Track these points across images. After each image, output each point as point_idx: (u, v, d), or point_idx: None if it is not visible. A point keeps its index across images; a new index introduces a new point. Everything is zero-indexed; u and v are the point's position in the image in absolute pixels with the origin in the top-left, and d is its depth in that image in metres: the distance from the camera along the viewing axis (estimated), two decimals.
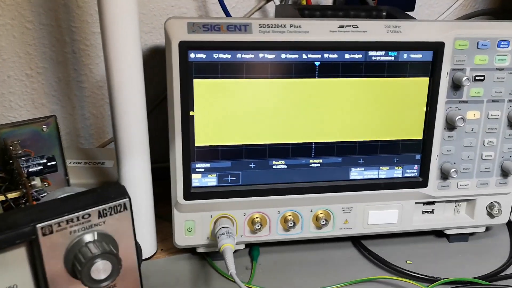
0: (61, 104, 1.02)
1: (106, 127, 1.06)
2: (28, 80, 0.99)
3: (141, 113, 0.74)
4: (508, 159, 0.83)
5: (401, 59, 0.76)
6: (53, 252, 0.50)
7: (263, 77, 0.73)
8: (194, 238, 0.79)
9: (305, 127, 0.77)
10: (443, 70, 0.77)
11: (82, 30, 0.98)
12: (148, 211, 0.80)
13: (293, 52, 0.73)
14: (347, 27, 0.74)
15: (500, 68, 0.78)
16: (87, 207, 0.51)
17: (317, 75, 0.75)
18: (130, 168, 0.76)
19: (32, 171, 0.70)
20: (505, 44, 0.77)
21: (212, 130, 0.75)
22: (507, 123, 0.81)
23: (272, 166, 0.78)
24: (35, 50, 0.98)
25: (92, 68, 1.01)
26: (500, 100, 0.80)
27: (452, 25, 0.76)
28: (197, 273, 0.80)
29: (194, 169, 0.76)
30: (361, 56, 0.75)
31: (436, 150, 0.80)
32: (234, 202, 0.78)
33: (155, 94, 1.00)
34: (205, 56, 0.71)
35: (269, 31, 0.72)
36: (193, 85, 0.72)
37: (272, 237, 0.82)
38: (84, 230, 0.51)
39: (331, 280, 0.79)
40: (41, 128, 0.76)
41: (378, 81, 0.76)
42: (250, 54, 0.72)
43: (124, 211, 0.53)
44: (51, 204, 0.52)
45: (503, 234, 0.92)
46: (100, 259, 0.50)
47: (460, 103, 0.79)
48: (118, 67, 0.71)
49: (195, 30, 0.70)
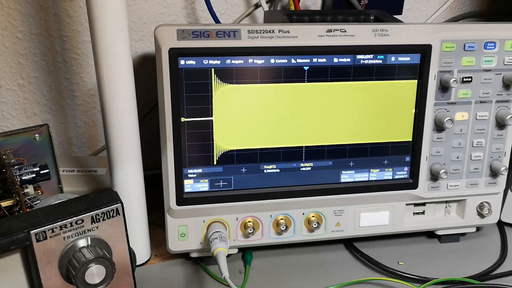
0: (53, 113, 1.03)
1: (98, 135, 1.06)
2: (20, 90, 1.00)
3: (133, 120, 0.75)
4: (497, 159, 0.84)
5: (389, 62, 0.77)
6: (47, 257, 0.50)
7: (253, 82, 0.74)
8: (187, 243, 0.80)
9: (295, 131, 0.78)
10: (431, 72, 0.77)
11: (73, 39, 0.98)
12: (141, 217, 0.80)
13: (282, 57, 0.74)
14: (335, 31, 0.74)
15: (487, 69, 0.79)
16: (80, 213, 0.52)
17: (306, 80, 0.75)
18: (122, 174, 0.76)
19: (25, 179, 0.71)
20: (492, 46, 0.78)
21: (203, 136, 0.75)
22: (495, 124, 0.82)
23: (264, 171, 0.79)
24: (26, 60, 0.98)
25: (84, 76, 1.01)
26: (487, 101, 0.81)
27: (439, 28, 0.77)
28: (191, 278, 0.81)
29: (186, 175, 0.77)
30: (350, 60, 0.76)
31: (425, 151, 0.81)
32: (227, 207, 0.79)
33: (146, 102, 1.01)
34: (195, 63, 0.72)
35: (258, 37, 0.73)
36: (184, 91, 0.73)
37: (264, 240, 0.82)
38: (78, 235, 0.52)
39: (324, 282, 0.79)
40: (33, 137, 0.77)
41: (366, 84, 0.77)
42: (240, 60, 0.73)
43: (117, 216, 0.54)
44: (44, 210, 0.52)
45: (493, 234, 0.93)
46: (94, 263, 0.51)
47: (448, 105, 0.80)
48: (109, 76, 0.71)
49: (184, 37, 0.71)
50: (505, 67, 0.79)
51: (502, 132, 0.83)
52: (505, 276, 0.82)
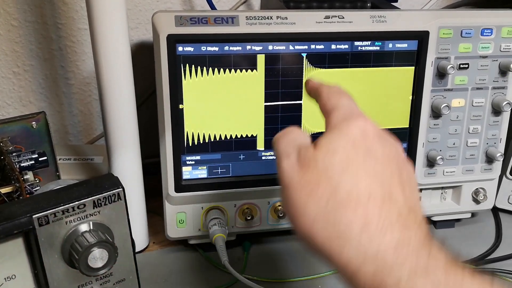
0: (49, 101, 1.03)
1: (94, 124, 1.06)
2: (15, 78, 0.99)
3: (131, 107, 0.75)
4: (492, 145, 0.84)
5: (387, 49, 0.77)
6: (49, 242, 0.50)
7: (251, 69, 0.74)
8: (186, 230, 0.80)
9: (293, 118, 0.78)
10: (428, 59, 0.78)
11: (68, 26, 0.98)
12: (140, 204, 0.81)
13: (280, 43, 0.74)
14: (333, 17, 0.75)
15: (484, 56, 0.80)
16: (82, 197, 0.52)
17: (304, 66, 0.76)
18: (121, 162, 0.76)
19: (24, 166, 0.70)
20: (488, 32, 0.79)
21: (201, 123, 0.75)
22: (491, 110, 0.83)
23: (262, 157, 0.79)
24: (21, 48, 0.98)
25: (79, 64, 1.01)
26: (484, 88, 0.81)
27: (436, 14, 0.77)
28: (189, 264, 0.81)
29: (185, 162, 0.77)
30: (347, 46, 0.76)
31: (422, 138, 0.82)
32: (225, 194, 0.79)
33: (141, 90, 1.01)
34: (193, 49, 0.72)
35: (256, 23, 0.73)
36: (182, 78, 0.73)
37: (263, 227, 0.82)
38: (80, 220, 0.52)
39: (322, 268, 0.80)
40: (30, 125, 0.76)
41: (364, 71, 0.77)
42: (238, 47, 0.73)
43: (118, 201, 0.54)
44: (46, 195, 0.52)
45: (488, 220, 0.94)
46: (97, 247, 0.51)
47: (445, 91, 0.80)
48: (107, 63, 0.71)
49: (182, 23, 0.71)
50: (502, 53, 0.80)
51: (498, 118, 0.83)
52: (500, 261, 0.83)
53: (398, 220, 0.42)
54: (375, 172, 0.44)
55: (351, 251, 0.42)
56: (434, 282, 0.40)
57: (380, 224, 0.42)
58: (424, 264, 0.40)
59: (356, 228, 0.42)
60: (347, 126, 0.46)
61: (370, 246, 0.41)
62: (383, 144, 0.47)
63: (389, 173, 0.45)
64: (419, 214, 0.45)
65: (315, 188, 0.44)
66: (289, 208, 0.46)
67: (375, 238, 0.41)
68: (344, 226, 0.42)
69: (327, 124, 0.49)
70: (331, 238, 0.43)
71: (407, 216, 0.43)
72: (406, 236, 0.42)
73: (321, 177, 0.44)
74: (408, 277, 0.40)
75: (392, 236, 0.41)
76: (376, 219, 0.42)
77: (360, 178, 0.44)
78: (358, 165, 0.44)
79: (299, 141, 0.49)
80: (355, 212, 0.42)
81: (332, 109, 0.49)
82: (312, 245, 0.44)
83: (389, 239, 0.41)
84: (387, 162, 0.46)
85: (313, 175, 0.44)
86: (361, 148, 0.45)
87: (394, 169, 0.46)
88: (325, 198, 0.43)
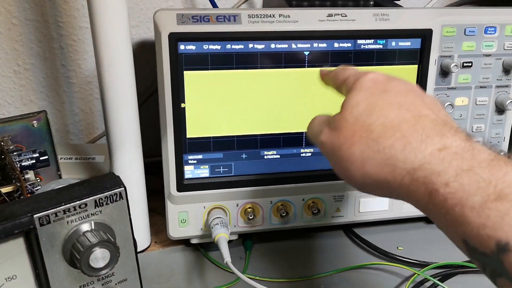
0: (50, 100, 1.02)
1: (95, 123, 1.06)
2: (16, 77, 0.99)
3: (133, 106, 0.74)
4: (496, 144, 0.84)
5: (390, 47, 0.76)
6: (51, 242, 0.50)
7: (253, 67, 0.74)
8: (188, 229, 0.80)
9: (295, 117, 0.77)
10: (431, 57, 0.77)
11: (69, 25, 0.97)
12: (141, 203, 0.80)
13: (282, 42, 0.74)
14: (336, 16, 0.74)
15: (487, 54, 0.79)
16: (83, 197, 0.51)
17: (307, 65, 0.75)
18: (122, 161, 0.76)
19: (24, 165, 0.70)
20: (492, 31, 0.78)
21: (203, 122, 0.75)
22: (495, 109, 0.82)
23: (264, 157, 0.79)
24: (22, 46, 0.97)
25: (80, 63, 1.01)
26: (487, 86, 0.81)
27: (439, 12, 0.77)
28: (191, 264, 0.81)
29: (187, 161, 0.77)
30: (350, 44, 0.75)
31: None
32: (227, 193, 0.79)
33: (142, 90, 1.00)
34: (195, 48, 0.72)
35: (258, 21, 0.72)
36: (183, 77, 0.72)
37: (265, 226, 0.82)
38: (81, 219, 0.51)
39: (324, 267, 0.79)
40: (31, 124, 0.76)
41: (367, 69, 0.76)
42: (240, 45, 0.73)
43: (120, 201, 0.53)
44: (47, 195, 0.52)
45: None
46: (99, 247, 0.50)
47: (449, 90, 0.80)
48: (108, 61, 0.71)
49: (184, 21, 0.70)
50: (505, 52, 0.79)
51: (501, 117, 0.83)
52: None
53: (435, 131, 0.47)
54: (398, 102, 0.50)
55: (401, 168, 0.47)
56: (479, 179, 0.42)
57: (419, 138, 0.47)
58: (468, 164, 0.44)
59: (399, 147, 0.47)
60: (360, 83, 0.53)
61: (416, 157, 0.46)
62: (397, 82, 0.53)
63: (411, 100, 0.51)
64: (453, 124, 0.49)
65: (353, 138, 0.50)
66: (342, 169, 0.51)
67: (418, 150, 0.46)
68: (388, 150, 0.48)
69: (345, 95, 0.55)
70: (381, 166, 0.48)
71: (442, 127, 0.48)
72: (446, 142, 0.46)
73: (355, 128, 0.50)
74: (455, 178, 0.43)
75: (433, 145, 0.46)
76: (414, 135, 0.47)
77: (388, 111, 0.50)
78: (382, 104, 0.50)
79: (324, 118, 0.57)
80: (394, 136, 0.48)
81: (343, 82, 0.57)
82: (372, 184, 0.49)
83: (430, 147, 0.46)
84: (407, 93, 0.52)
85: (347, 131, 0.51)
86: (378, 91, 0.52)
87: (415, 96, 0.52)
88: (364, 140, 0.49)
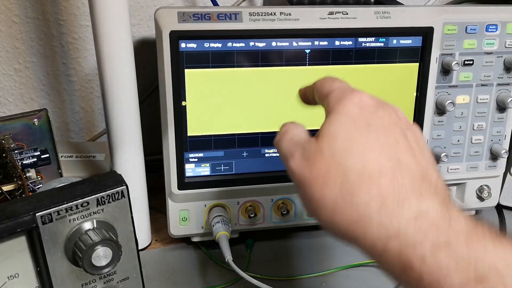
0: (50, 98, 1.02)
1: (96, 121, 1.06)
2: (16, 75, 0.99)
3: (134, 104, 0.74)
4: (497, 142, 0.84)
5: (391, 45, 0.76)
6: (53, 240, 0.50)
7: (254, 65, 0.74)
8: (189, 227, 0.80)
9: (296, 115, 0.77)
10: (433, 55, 0.77)
11: (69, 23, 0.97)
12: (142, 201, 0.80)
13: (283, 40, 0.73)
14: (337, 13, 0.74)
15: (489, 52, 0.79)
16: (85, 195, 0.51)
17: (308, 63, 0.75)
18: (123, 159, 0.76)
19: (26, 163, 0.70)
20: (493, 28, 0.78)
21: (204, 120, 0.75)
22: (496, 107, 0.82)
23: (265, 155, 0.79)
24: (22, 44, 0.97)
25: (81, 61, 1.01)
26: (489, 84, 0.81)
27: (441, 10, 0.77)
28: (192, 262, 0.81)
29: (188, 159, 0.77)
30: (351, 42, 0.75)
31: (426, 135, 0.81)
32: (228, 191, 0.78)
33: (144, 87, 1.00)
34: (196, 46, 0.71)
35: (260, 19, 0.72)
36: (184, 75, 0.72)
37: (266, 224, 0.82)
38: (83, 218, 0.51)
39: (326, 265, 0.79)
40: (32, 122, 0.76)
41: (368, 67, 0.77)
42: (241, 43, 0.73)
43: (122, 199, 0.53)
44: (49, 193, 0.51)
45: (492, 217, 0.93)
46: (101, 246, 0.50)
47: (450, 88, 0.80)
48: (109, 59, 0.71)
49: (185, 19, 0.70)
50: (507, 50, 0.79)
51: (502, 115, 0.83)
52: None
53: (413, 190, 0.43)
54: (379, 144, 0.44)
55: (374, 232, 0.42)
56: (457, 257, 0.39)
57: (396, 198, 0.42)
58: (445, 237, 0.40)
59: (374, 208, 0.42)
60: (343, 106, 0.47)
61: (390, 223, 0.42)
62: (383, 112, 0.47)
63: (393, 141, 0.45)
64: (433, 178, 0.45)
65: (326, 177, 0.44)
66: (308, 204, 0.46)
67: (394, 214, 0.42)
68: (363, 208, 0.42)
69: (326, 111, 0.49)
70: (353, 222, 0.43)
71: (421, 183, 0.43)
72: (423, 207, 0.42)
73: (329, 165, 0.44)
74: (431, 254, 0.40)
75: (410, 209, 0.42)
76: (391, 195, 0.42)
77: (367, 155, 0.44)
78: (363, 143, 0.44)
79: (298, 137, 0.50)
80: (370, 192, 0.42)
81: (327, 95, 0.50)
82: (338, 233, 0.45)
83: (407, 213, 0.41)
84: (390, 130, 0.46)
85: (321, 166, 0.45)
86: (361, 123, 0.45)
87: (398, 134, 0.46)
88: (338, 185, 0.43)
